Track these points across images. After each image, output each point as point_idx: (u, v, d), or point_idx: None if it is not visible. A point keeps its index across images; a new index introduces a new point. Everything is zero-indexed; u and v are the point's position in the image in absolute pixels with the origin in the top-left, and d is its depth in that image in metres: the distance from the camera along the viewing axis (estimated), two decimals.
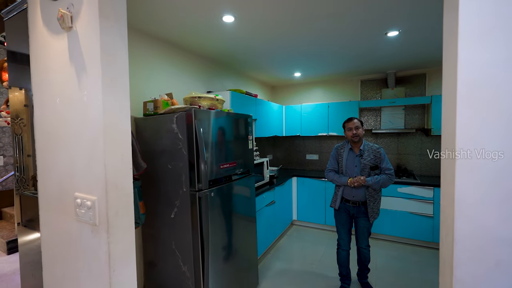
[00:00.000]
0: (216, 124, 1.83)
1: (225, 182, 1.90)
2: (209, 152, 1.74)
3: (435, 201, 2.99)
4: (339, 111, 3.73)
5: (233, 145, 2.03)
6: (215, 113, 1.83)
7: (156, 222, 1.86)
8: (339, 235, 2.30)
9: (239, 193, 2.09)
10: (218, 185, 1.81)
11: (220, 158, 1.86)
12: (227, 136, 1.96)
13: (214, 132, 1.80)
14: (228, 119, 1.99)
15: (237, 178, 2.05)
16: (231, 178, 1.97)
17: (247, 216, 2.22)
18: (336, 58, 2.94)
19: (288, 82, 4.25)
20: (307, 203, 3.75)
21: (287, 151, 4.54)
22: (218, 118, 1.87)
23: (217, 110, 1.88)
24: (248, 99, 3.04)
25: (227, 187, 1.92)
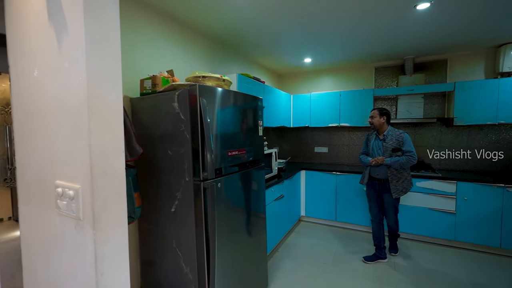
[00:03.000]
0: (223, 105, 1.60)
1: (234, 172, 1.67)
2: (215, 136, 1.50)
3: (458, 197, 2.75)
4: (352, 100, 3.48)
5: (242, 130, 1.79)
6: (222, 92, 1.60)
7: (155, 217, 1.64)
8: (370, 208, 2.69)
9: (248, 185, 1.86)
10: (225, 175, 1.59)
11: (228, 143, 1.62)
12: (235, 119, 1.73)
13: (221, 114, 1.56)
14: (237, 100, 1.75)
15: (247, 168, 1.83)
16: (240, 168, 1.74)
17: (257, 211, 2.00)
18: (353, 38, 2.68)
19: (296, 69, 3.99)
20: (316, 198, 3.52)
21: (294, 143, 4.30)
22: (226, 98, 1.64)
23: (225, 90, 1.64)
24: (256, 84, 2.80)
25: (235, 177, 1.69)
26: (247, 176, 1.83)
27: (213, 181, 1.45)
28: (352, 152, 3.85)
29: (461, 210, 2.75)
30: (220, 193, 1.54)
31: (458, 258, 2.61)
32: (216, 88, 1.57)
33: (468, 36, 2.62)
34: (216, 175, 1.50)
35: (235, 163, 1.68)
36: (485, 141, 3.10)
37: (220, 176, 1.53)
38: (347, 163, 3.89)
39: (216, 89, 1.56)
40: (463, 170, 3.19)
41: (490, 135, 3.07)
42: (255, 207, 1.97)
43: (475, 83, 2.86)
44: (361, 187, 3.21)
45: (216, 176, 1.49)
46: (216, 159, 1.51)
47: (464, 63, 3.17)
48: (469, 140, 3.17)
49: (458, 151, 3.22)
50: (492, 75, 3.03)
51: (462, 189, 2.74)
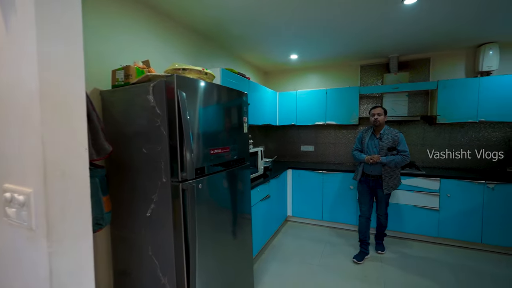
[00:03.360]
0: (205, 99, 1.47)
1: (217, 172, 1.55)
2: (196, 132, 1.37)
3: (442, 194, 2.78)
4: (338, 97, 3.45)
5: (226, 126, 1.67)
6: (204, 85, 1.47)
7: (128, 222, 1.48)
8: (360, 204, 2.69)
9: (233, 185, 1.74)
10: (207, 175, 1.46)
11: (211, 141, 1.50)
12: (218, 114, 1.60)
13: (202, 109, 1.44)
14: (220, 94, 1.63)
15: (231, 167, 1.71)
16: (223, 167, 1.62)
17: (242, 213, 1.88)
18: (340, 34, 2.63)
19: (283, 67, 3.92)
20: (303, 197, 3.46)
21: (280, 142, 4.22)
22: (208, 91, 1.51)
23: (207, 83, 1.51)
24: (241, 80, 2.68)
25: (218, 177, 1.57)
26: (231, 176, 1.71)
27: (193, 181, 1.32)
28: (338, 150, 3.82)
29: (445, 206, 2.78)
30: (201, 194, 1.41)
31: (443, 255, 2.64)
32: (197, 80, 1.44)
33: (451, 35, 2.65)
34: (197, 175, 1.37)
35: (218, 162, 1.56)
36: (465, 139, 3.17)
37: (201, 176, 1.40)
38: (334, 161, 3.86)
39: (197, 81, 1.43)
40: (446, 167, 3.25)
41: (471, 132, 3.14)
42: (240, 209, 1.86)
43: (457, 81, 2.91)
44: (348, 186, 3.19)
45: (196, 176, 1.36)
46: (197, 157, 1.38)
47: (446, 62, 3.22)
48: (451, 138, 3.23)
49: (441, 149, 3.26)
50: (472, 74, 3.10)
51: (445, 186, 2.77)
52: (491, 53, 2.87)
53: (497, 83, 2.75)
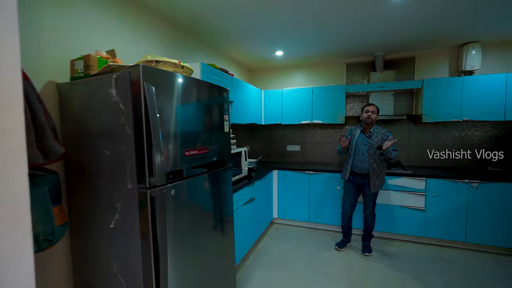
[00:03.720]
0: (180, 94, 1.31)
1: (192, 175, 1.39)
2: (167, 131, 1.21)
3: (427, 193, 2.76)
4: (324, 96, 3.37)
5: (204, 125, 1.51)
6: (178, 78, 1.31)
7: (90, 235, 1.29)
8: (344, 201, 2.75)
9: (212, 190, 1.59)
10: (181, 179, 1.30)
11: (186, 141, 1.33)
12: (195, 111, 1.45)
13: (177, 105, 1.27)
14: (198, 89, 1.47)
15: (210, 169, 1.55)
16: (201, 170, 1.46)
17: (223, 219, 1.73)
18: (327, 30, 2.53)
19: (268, 64, 3.79)
20: (289, 199, 3.35)
21: (266, 142, 4.10)
22: (184, 85, 1.34)
23: (182, 76, 1.35)
24: (224, 77, 2.52)
25: (195, 181, 1.41)
26: (210, 180, 1.56)
27: (164, 187, 1.16)
28: (324, 150, 3.75)
29: (430, 206, 2.76)
30: (175, 201, 1.24)
31: (430, 255, 2.61)
32: (170, 72, 1.27)
33: (436, 33, 2.63)
34: (169, 180, 1.20)
35: (195, 164, 1.40)
36: (449, 138, 3.18)
37: (174, 180, 1.24)
38: (320, 161, 3.78)
39: (170, 74, 1.27)
40: (431, 166, 3.25)
41: (454, 132, 3.16)
42: (221, 215, 1.71)
43: (441, 80, 2.90)
44: (334, 186, 3.11)
45: (168, 182, 1.20)
46: (169, 160, 1.21)
47: (430, 61, 3.22)
48: (435, 137, 3.23)
49: (426, 148, 3.26)
50: (456, 73, 3.11)
51: (431, 186, 2.75)
52: (474, 53, 2.89)
53: (479, 83, 2.76)
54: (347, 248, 2.79)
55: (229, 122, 1.79)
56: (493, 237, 2.59)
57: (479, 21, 2.37)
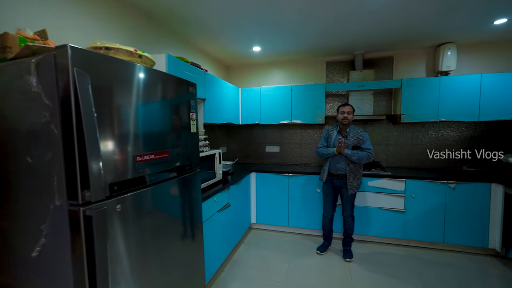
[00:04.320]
0: (133, 86, 1.07)
1: (148, 185, 1.15)
2: (112, 132, 0.97)
3: (407, 194, 2.71)
4: (304, 95, 3.24)
5: (164, 125, 1.28)
6: (132, 68, 1.07)
7: (9, 264, 1.01)
8: (324, 204, 2.71)
9: (175, 200, 1.36)
10: (132, 191, 1.06)
11: (138, 144, 1.10)
12: (154, 108, 1.21)
13: (127, 100, 1.04)
14: (157, 82, 1.23)
15: (172, 176, 1.32)
16: (160, 177, 1.23)
17: (190, 233, 1.51)
18: (306, 25, 2.39)
19: (245, 60, 3.59)
20: (268, 203, 3.18)
21: (243, 143, 3.90)
22: (139, 76, 1.11)
23: (130, 63, 1.11)
24: (195, 71, 2.29)
25: (152, 192, 1.18)
26: (172, 188, 1.33)
27: (104, 203, 0.92)
28: (304, 151, 3.63)
29: (410, 208, 2.71)
30: (123, 218, 1.01)
31: (410, 258, 2.55)
32: (119, 60, 1.03)
33: (414, 30, 2.58)
34: (113, 193, 0.96)
35: (150, 171, 1.16)
36: (426, 138, 3.18)
37: (120, 193, 1.00)
38: (300, 162, 3.65)
39: (120, 62, 1.03)
40: (409, 167, 3.23)
41: (431, 132, 3.16)
42: (188, 227, 1.48)
43: (419, 80, 2.87)
44: (315, 189, 2.98)
45: (112, 195, 0.96)
46: (113, 168, 0.97)
47: (408, 61, 3.20)
48: (413, 138, 3.22)
49: (404, 149, 3.24)
50: (433, 74, 3.12)
51: (410, 187, 2.70)
52: (449, 54, 2.89)
53: (455, 83, 2.77)
54: (329, 252, 2.68)
55: (197, 122, 1.57)
56: (470, 238, 2.59)
57: (453, 21, 2.35)
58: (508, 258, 2.49)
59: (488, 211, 2.53)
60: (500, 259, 2.50)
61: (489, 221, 2.54)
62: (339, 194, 2.60)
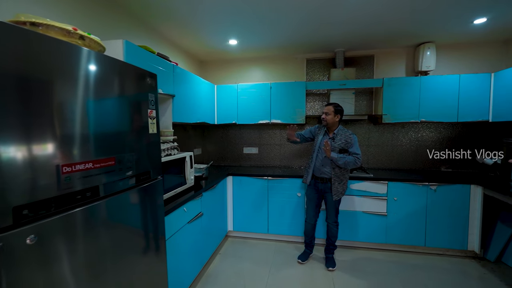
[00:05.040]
0: (66, 74, 0.79)
1: (82, 203, 0.88)
2: (20, 133, 0.69)
3: (389, 197, 2.63)
4: (284, 93, 3.06)
5: (109, 125, 1.01)
6: (63, 48, 0.79)
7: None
8: (307, 209, 2.53)
9: (124, 218, 1.09)
10: (54, 214, 0.78)
11: (65, 150, 0.82)
12: (92, 103, 0.94)
13: (46, 89, 0.76)
14: (99, 68, 0.96)
15: (119, 190, 1.05)
16: (101, 192, 0.96)
17: (148, 254, 1.24)
18: (285, 17, 2.20)
19: (222, 55, 3.34)
20: (245, 208, 2.96)
21: (219, 144, 3.64)
22: (74, 60, 0.83)
23: (67, 45, 0.83)
24: (161, 63, 2.00)
25: (86, 213, 0.90)
26: (120, 204, 1.06)
27: (6, 235, 0.64)
28: (284, 152, 3.45)
29: (392, 211, 2.63)
30: (43, 252, 0.73)
31: (392, 263, 2.46)
32: (42, 36, 0.75)
33: (394, 29, 2.50)
34: (23, 220, 0.69)
35: (86, 185, 0.89)
36: (406, 139, 3.14)
37: (36, 219, 0.73)
38: (279, 165, 3.47)
39: (43, 39, 0.74)
40: (390, 168, 3.17)
41: (411, 133, 3.12)
42: (145, 249, 1.22)
43: (401, 79, 2.81)
44: (295, 193, 2.81)
45: (21, 222, 0.68)
46: (19, 184, 0.70)
47: (388, 60, 3.14)
48: (393, 138, 3.17)
49: (385, 150, 3.18)
50: (412, 74, 3.08)
51: (392, 190, 2.62)
52: (429, 54, 2.86)
53: (435, 83, 2.73)
54: (310, 260, 2.52)
55: (158, 120, 1.30)
56: (450, 240, 2.55)
57: (434, 19, 2.30)
58: (486, 260, 2.48)
59: (468, 212, 2.51)
60: (478, 261, 2.48)
61: (468, 223, 2.52)
62: (323, 199, 2.43)
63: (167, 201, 1.79)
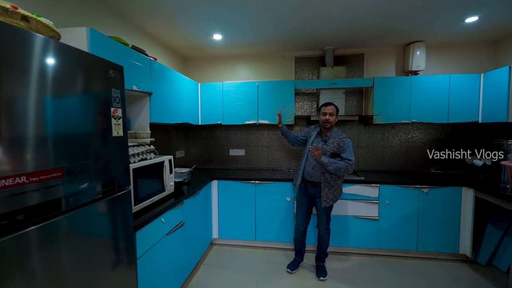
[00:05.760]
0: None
1: (14, 228, 0.68)
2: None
3: (381, 201, 2.54)
4: (272, 92, 2.91)
5: (56, 126, 0.81)
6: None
7: None
8: (297, 214, 2.38)
9: (78, 242, 0.89)
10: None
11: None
12: (28, 98, 0.74)
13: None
14: (47, 57, 0.76)
15: (70, 208, 0.85)
16: (45, 212, 0.76)
17: (113, 278, 1.04)
18: (271, 9, 2.05)
19: (206, 51, 3.14)
20: (232, 214, 2.78)
21: (204, 146, 3.44)
22: (7, 46, 0.63)
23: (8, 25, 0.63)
24: (137, 58, 1.80)
25: (19, 240, 0.70)
26: (72, 225, 0.86)
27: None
28: (272, 154, 3.30)
29: (384, 215, 2.54)
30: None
31: (385, 269, 2.36)
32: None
33: (384, 26, 2.41)
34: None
35: (12, 207, 0.69)
36: (396, 140, 3.07)
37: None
38: (267, 167, 3.32)
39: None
40: (379, 170, 3.09)
41: (401, 134, 3.06)
42: (106, 276, 1.02)
43: (392, 79, 2.73)
44: (284, 198, 2.67)
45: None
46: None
47: (378, 60, 3.06)
48: (383, 140, 3.09)
49: (376, 152, 3.10)
50: (402, 73, 3.02)
51: (384, 193, 2.53)
52: (419, 53, 2.80)
53: (426, 83, 2.67)
54: (300, 269, 2.38)
55: (123, 121, 1.11)
56: (442, 244, 2.49)
57: (425, 17, 2.23)
58: (477, 263, 2.44)
59: (459, 215, 2.46)
60: (470, 264, 2.43)
61: (459, 226, 2.46)
62: (314, 204, 2.29)
63: (142, 211, 1.59)
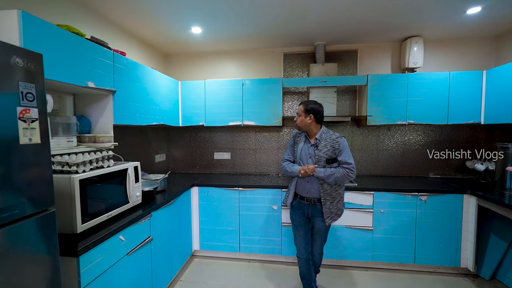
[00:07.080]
0: None
1: None
2: None
3: (375, 210, 2.32)
4: (258, 91, 2.68)
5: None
6: None
7: None
8: (294, 239, 1.96)
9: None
10: None
11: None
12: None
13: None
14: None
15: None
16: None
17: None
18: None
19: (187, 47, 2.90)
20: (214, 224, 2.54)
21: (187, 149, 3.21)
22: None
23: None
24: (95, 50, 1.56)
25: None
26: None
27: None
28: (259, 158, 3.08)
29: (378, 225, 2.32)
30: None
31: (382, 285, 2.14)
32: None
33: (374, 26, 2.20)
34: None
35: None
36: (392, 143, 2.86)
37: None
38: (255, 171, 3.09)
39: None
40: (374, 175, 2.88)
41: (397, 136, 2.85)
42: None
43: (387, 77, 2.51)
44: (270, 206, 2.44)
45: None
46: None
47: (373, 56, 2.85)
48: (378, 142, 2.88)
49: (370, 155, 2.89)
50: (398, 71, 2.80)
51: (379, 201, 2.31)
52: (416, 49, 2.59)
53: (424, 81, 2.46)
54: None
55: (38, 124, 0.87)
56: (442, 256, 2.28)
57: (424, 8, 2.01)
58: (480, 278, 2.23)
59: (460, 225, 2.24)
60: (472, 279, 2.22)
61: (461, 237, 2.25)
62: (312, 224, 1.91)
63: (94, 229, 1.36)
